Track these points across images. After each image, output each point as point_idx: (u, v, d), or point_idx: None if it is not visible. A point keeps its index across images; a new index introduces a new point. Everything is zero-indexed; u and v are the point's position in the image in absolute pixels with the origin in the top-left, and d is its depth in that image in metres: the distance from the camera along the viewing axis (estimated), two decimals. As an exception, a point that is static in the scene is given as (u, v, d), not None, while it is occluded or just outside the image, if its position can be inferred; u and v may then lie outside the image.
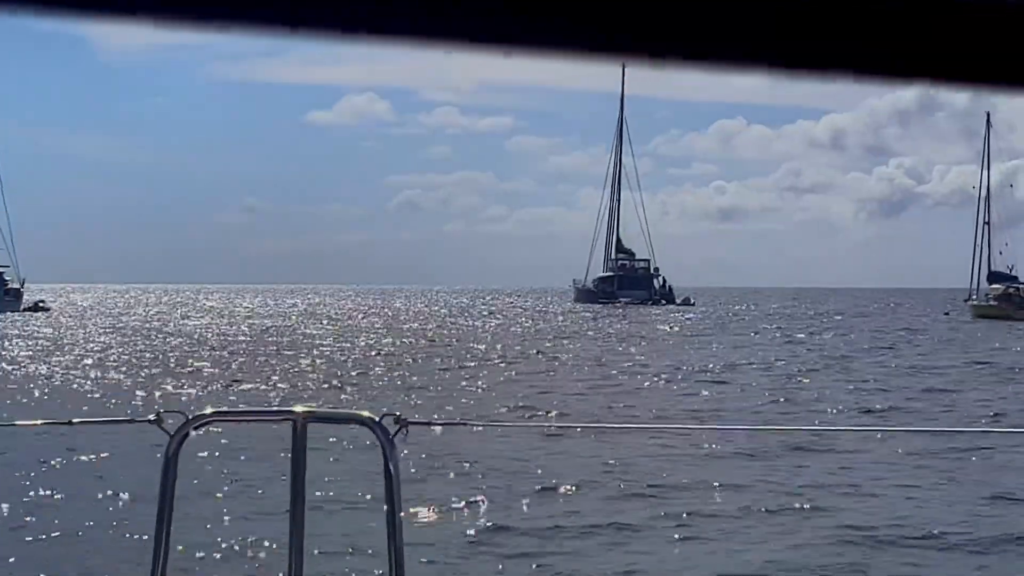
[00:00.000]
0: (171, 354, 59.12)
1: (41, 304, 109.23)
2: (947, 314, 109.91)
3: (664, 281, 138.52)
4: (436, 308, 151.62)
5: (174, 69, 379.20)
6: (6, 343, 66.50)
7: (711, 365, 52.63)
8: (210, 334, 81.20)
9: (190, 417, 4.49)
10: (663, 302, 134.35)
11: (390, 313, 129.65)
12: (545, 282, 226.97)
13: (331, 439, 20.55)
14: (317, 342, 71.32)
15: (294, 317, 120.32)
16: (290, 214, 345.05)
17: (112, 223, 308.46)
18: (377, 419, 4.45)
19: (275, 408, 6.44)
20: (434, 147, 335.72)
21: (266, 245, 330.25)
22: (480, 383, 42.73)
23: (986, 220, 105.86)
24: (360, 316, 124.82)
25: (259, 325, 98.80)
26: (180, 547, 16.32)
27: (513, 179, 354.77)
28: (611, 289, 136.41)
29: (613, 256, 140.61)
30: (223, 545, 18.26)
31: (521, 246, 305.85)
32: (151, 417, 4.47)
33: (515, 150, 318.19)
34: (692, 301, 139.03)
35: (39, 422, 21.55)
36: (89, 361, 53.46)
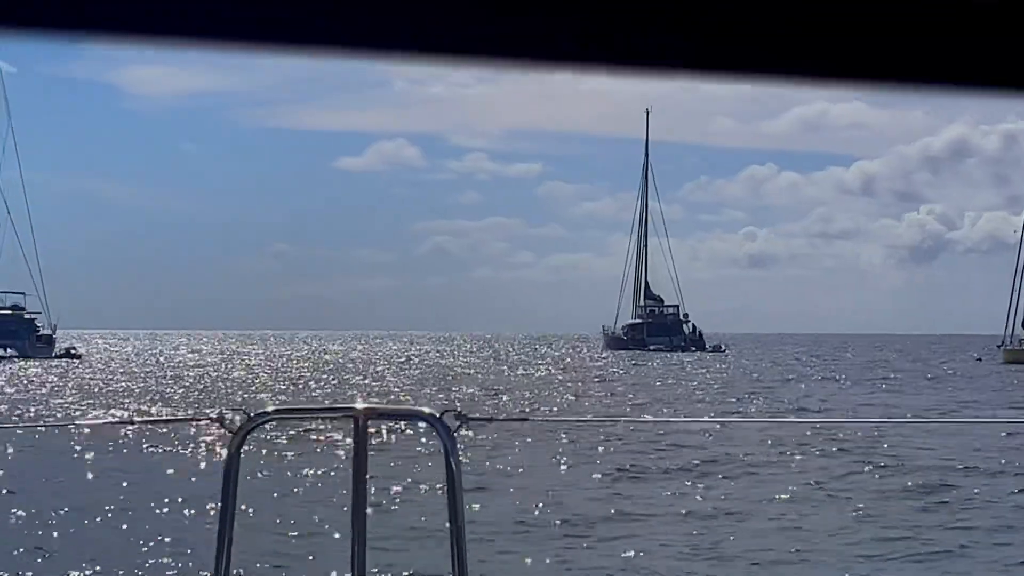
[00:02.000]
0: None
1: (72, 351, 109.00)
2: (979, 359, 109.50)
3: (694, 327, 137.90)
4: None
5: (203, 116, 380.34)
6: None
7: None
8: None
9: (252, 415, 4.44)
10: (693, 349, 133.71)
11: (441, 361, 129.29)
12: (573, 328, 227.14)
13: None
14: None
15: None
16: (318, 260, 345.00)
17: (141, 269, 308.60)
18: (438, 415, 4.41)
19: (336, 404, 6.27)
20: (463, 193, 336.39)
21: (294, 290, 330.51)
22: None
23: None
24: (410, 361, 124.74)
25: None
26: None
27: (542, 225, 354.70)
28: (640, 336, 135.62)
29: (642, 302, 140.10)
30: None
31: (550, 292, 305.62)
32: (213, 415, 4.45)
33: (544, 196, 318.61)
34: (723, 348, 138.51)
35: (102, 421, 21.91)
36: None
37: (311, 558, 17.69)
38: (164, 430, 23.46)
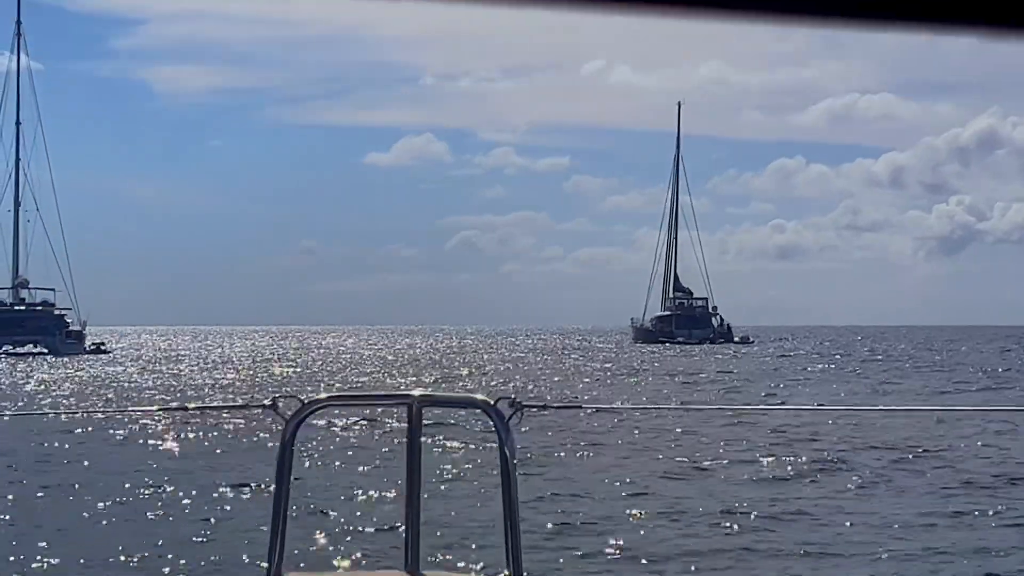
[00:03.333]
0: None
1: (102, 346, 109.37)
2: (1008, 351, 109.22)
3: (722, 320, 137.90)
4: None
5: (232, 113, 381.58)
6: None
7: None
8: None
9: (306, 401, 4.40)
10: (722, 341, 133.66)
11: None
12: (602, 322, 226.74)
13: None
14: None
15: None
16: (347, 256, 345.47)
17: (170, 266, 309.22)
18: (492, 402, 4.37)
19: (391, 392, 6.23)
20: (491, 188, 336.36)
21: (323, 287, 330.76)
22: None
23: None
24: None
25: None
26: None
27: (570, 219, 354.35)
28: (669, 328, 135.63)
29: (671, 295, 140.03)
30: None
31: (578, 286, 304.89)
32: (266, 402, 4.38)
33: (572, 190, 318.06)
34: (751, 340, 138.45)
35: (155, 408, 22.00)
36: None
37: (365, 545, 17.68)
38: (218, 418, 23.45)
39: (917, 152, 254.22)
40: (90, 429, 24.63)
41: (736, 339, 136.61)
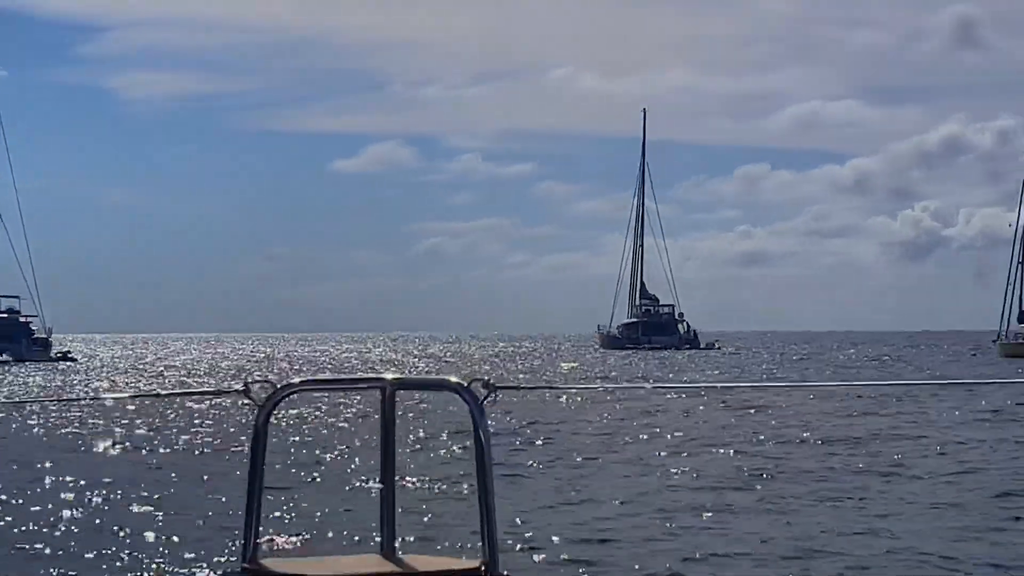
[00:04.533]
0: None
1: (68, 354, 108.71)
2: (975, 355, 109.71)
3: (688, 326, 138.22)
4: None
5: (197, 119, 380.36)
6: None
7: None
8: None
9: (279, 386, 4.32)
10: (688, 347, 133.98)
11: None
12: (570, 328, 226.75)
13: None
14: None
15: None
16: (314, 262, 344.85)
17: (135, 273, 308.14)
18: (466, 384, 4.30)
19: (364, 376, 6.17)
20: (458, 194, 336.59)
21: (289, 293, 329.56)
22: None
23: (1020, 261, 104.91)
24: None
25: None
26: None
27: (537, 225, 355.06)
28: (636, 335, 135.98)
29: (638, 302, 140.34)
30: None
31: (545, 292, 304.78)
32: (239, 387, 4.30)
33: (539, 196, 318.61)
34: (718, 346, 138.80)
35: (128, 395, 21.93)
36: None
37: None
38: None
39: (883, 158, 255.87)
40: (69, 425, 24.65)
41: (703, 345, 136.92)
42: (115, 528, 17.65)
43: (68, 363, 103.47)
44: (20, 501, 19.67)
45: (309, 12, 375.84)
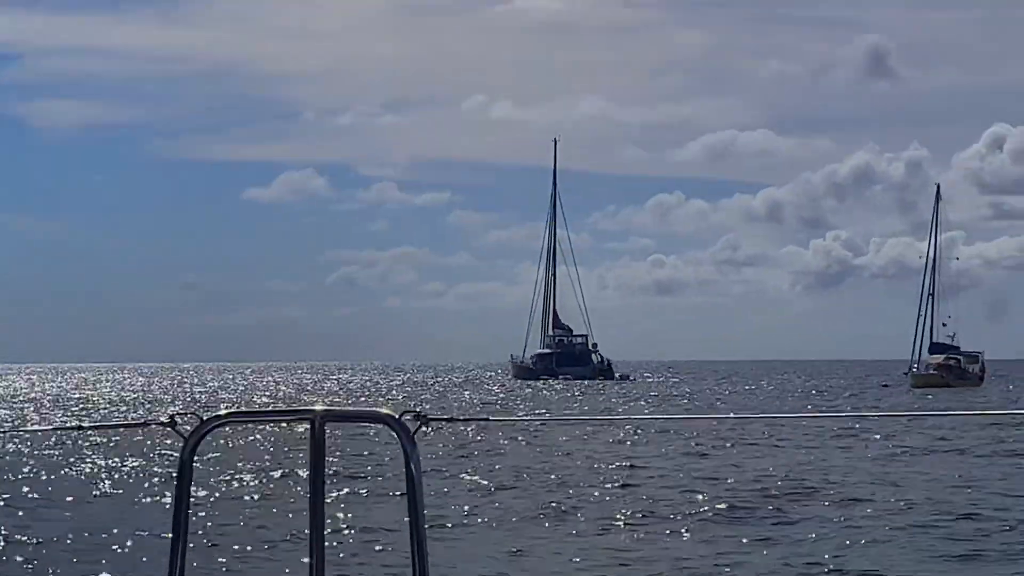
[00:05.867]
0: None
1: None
2: (886, 386, 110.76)
3: (602, 357, 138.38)
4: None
5: (110, 147, 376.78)
6: None
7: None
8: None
9: (205, 419, 4.23)
10: (601, 378, 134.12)
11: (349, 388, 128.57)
12: (483, 358, 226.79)
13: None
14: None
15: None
16: (229, 291, 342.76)
17: (48, 303, 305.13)
18: (396, 416, 4.22)
19: (292, 408, 6.07)
20: (372, 222, 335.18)
21: (205, 321, 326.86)
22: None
23: (930, 291, 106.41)
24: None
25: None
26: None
27: (451, 254, 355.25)
28: (550, 366, 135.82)
29: (550, 332, 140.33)
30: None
31: (459, 321, 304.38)
32: (164, 419, 4.22)
33: (453, 225, 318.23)
34: (632, 377, 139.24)
35: (51, 427, 21.48)
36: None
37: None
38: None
39: (795, 187, 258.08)
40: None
41: (616, 376, 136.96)
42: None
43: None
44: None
45: (222, 41, 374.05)
